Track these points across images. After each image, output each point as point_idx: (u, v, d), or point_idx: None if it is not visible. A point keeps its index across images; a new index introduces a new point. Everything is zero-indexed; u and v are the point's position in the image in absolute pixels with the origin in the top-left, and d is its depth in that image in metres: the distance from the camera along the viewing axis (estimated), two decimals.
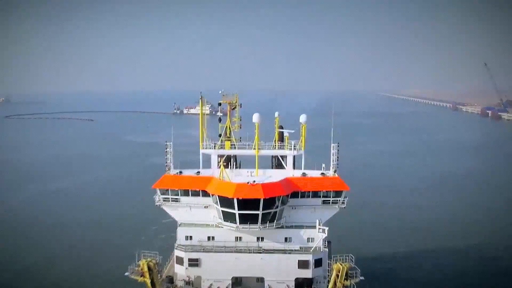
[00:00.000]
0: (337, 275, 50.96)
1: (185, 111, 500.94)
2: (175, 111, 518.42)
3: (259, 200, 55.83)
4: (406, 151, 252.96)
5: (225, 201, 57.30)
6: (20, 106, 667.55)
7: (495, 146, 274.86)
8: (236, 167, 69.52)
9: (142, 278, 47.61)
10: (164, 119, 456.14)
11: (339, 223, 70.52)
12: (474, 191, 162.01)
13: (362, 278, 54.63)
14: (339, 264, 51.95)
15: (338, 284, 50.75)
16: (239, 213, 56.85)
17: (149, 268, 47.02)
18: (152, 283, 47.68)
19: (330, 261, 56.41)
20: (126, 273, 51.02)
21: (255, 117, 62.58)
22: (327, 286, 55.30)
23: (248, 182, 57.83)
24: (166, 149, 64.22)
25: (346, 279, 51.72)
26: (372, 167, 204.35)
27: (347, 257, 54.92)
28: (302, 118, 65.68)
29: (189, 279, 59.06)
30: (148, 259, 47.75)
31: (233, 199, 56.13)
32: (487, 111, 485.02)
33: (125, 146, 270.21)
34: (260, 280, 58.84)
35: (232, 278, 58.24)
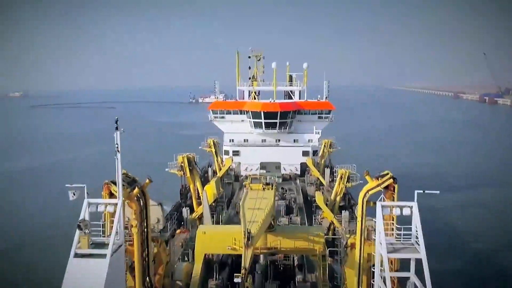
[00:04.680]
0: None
1: (200, 100, 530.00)
2: (191, 100, 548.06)
3: (277, 112, 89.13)
4: (405, 126, 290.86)
5: (255, 114, 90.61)
6: (40, 99, 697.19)
7: (480, 122, 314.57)
8: None
9: (209, 148, 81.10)
10: (181, 107, 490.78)
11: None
12: (449, 147, 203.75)
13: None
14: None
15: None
16: (264, 122, 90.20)
17: (213, 143, 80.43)
18: (216, 152, 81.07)
19: None
20: (200, 147, 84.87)
21: (273, 64, 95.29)
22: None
23: (270, 101, 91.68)
24: (215, 89, 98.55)
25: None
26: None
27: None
28: (305, 65, 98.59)
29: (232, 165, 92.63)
30: (212, 138, 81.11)
31: (261, 112, 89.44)
32: (485, 98, 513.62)
33: (153, 125, 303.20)
34: (277, 166, 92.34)
35: (260, 163, 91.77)
